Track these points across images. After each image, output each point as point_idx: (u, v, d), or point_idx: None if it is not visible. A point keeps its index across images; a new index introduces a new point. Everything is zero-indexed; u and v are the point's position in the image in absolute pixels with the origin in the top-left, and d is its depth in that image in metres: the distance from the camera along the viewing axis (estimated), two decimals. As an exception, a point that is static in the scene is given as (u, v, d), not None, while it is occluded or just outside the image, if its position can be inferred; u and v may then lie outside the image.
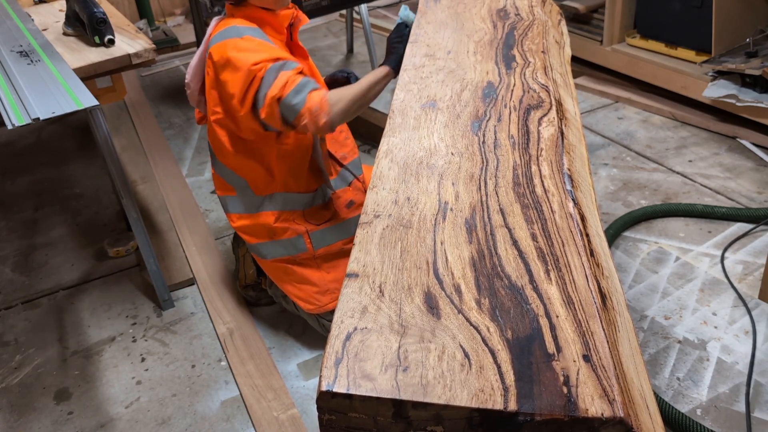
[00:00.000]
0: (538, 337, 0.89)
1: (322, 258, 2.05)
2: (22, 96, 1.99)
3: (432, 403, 0.81)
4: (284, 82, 1.72)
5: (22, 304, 2.50)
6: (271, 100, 1.73)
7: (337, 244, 2.06)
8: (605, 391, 0.81)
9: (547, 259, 1.02)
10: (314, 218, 2.06)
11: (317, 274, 2.04)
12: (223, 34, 1.84)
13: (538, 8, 2.00)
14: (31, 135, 3.73)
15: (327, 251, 2.05)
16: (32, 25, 2.62)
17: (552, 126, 1.36)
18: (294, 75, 1.74)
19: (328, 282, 2.04)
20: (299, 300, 2.06)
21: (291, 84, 1.72)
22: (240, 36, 1.80)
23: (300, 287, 2.05)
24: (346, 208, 2.10)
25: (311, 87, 1.74)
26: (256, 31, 1.83)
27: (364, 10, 3.87)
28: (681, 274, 2.31)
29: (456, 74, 1.62)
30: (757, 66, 2.89)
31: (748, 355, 1.96)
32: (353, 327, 0.93)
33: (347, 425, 0.86)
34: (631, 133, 3.19)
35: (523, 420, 0.79)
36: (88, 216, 2.98)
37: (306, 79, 1.75)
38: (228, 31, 1.83)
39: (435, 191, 1.20)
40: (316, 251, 2.03)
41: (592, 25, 3.65)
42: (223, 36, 1.83)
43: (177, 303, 2.42)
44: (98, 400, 2.06)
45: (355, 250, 1.08)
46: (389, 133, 1.40)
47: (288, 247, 2.03)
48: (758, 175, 2.78)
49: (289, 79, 1.73)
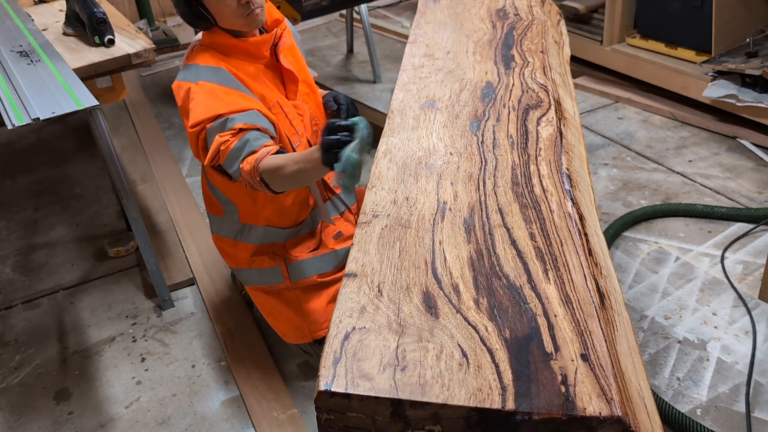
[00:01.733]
0: (536, 337, 0.89)
1: (300, 289, 1.95)
2: (22, 96, 2.00)
3: (430, 403, 0.81)
4: (217, 149, 1.62)
5: (22, 304, 2.50)
6: (210, 168, 1.70)
7: (313, 278, 1.94)
8: (603, 390, 0.81)
9: (546, 259, 1.02)
10: (297, 248, 1.97)
11: (295, 305, 1.95)
12: (183, 73, 1.75)
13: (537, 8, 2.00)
14: (31, 135, 3.73)
15: (305, 283, 1.94)
16: (32, 25, 2.62)
17: (551, 126, 1.36)
18: (230, 139, 1.61)
19: (307, 313, 1.94)
20: (278, 331, 2.00)
21: (224, 152, 1.62)
22: (195, 81, 1.70)
23: (278, 318, 1.99)
24: (333, 239, 1.99)
25: (247, 152, 1.60)
26: (215, 73, 1.71)
27: (364, 10, 3.87)
28: (681, 274, 2.31)
29: (455, 74, 1.62)
30: (757, 66, 2.89)
31: (748, 355, 1.96)
32: (352, 327, 0.93)
33: (345, 425, 0.86)
34: (631, 133, 3.18)
35: (521, 419, 0.79)
36: (88, 216, 2.99)
37: (240, 142, 1.60)
38: (187, 71, 1.74)
39: (434, 191, 1.20)
40: (293, 282, 1.94)
41: (592, 25, 3.65)
42: (183, 76, 1.75)
43: (177, 303, 2.42)
44: (98, 400, 2.06)
45: (353, 249, 1.08)
46: (388, 133, 1.40)
47: (266, 276, 1.96)
48: (758, 175, 2.78)
49: (222, 146, 1.61)
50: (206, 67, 1.73)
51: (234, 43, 1.75)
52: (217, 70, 1.72)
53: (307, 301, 1.94)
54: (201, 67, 1.73)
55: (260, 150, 1.60)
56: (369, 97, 3.75)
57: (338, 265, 1.97)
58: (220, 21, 1.72)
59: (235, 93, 1.70)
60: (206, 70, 1.72)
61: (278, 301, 1.98)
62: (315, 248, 1.98)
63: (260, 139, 1.63)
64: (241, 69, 1.76)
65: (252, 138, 1.62)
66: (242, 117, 1.64)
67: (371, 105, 3.62)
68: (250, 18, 1.69)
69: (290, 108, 1.84)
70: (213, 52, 1.76)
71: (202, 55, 1.76)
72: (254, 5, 1.68)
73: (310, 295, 1.94)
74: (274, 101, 1.79)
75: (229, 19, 1.70)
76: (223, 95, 1.68)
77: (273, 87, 1.82)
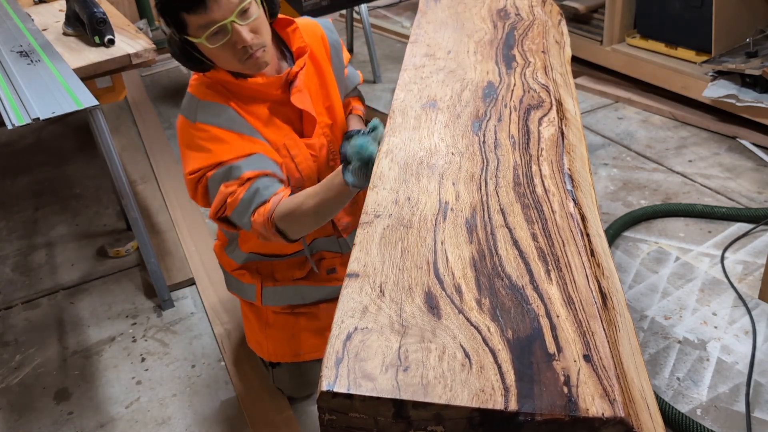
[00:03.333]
0: (538, 337, 0.88)
1: (271, 311, 1.88)
2: (22, 96, 1.99)
3: (432, 403, 0.81)
4: (223, 201, 1.51)
5: (22, 304, 2.50)
6: (216, 219, 1.56)
7: (285, 306, 1.86)
8: (606, 391, 0.81)
9: (548, 259, 1.02)
10: (281, 272, 1.85)
11: (263, 322, 1.91)
12: (184, 102, 1.60)
13: (538, 8, 2.00)
14: (31, 135, 3.73)
15: (275, 309, 1.88)
16: (32, 25, 2.62)
17: (552, 126, 1.36)
18: (237, 189, 1.49)
19: (270, 335, 1.89)
20: (245, 333, 1.99)
21: (232, 204, 1.50)
22: (193, 121, 1.54)
23: (247, 323, 1.99)
24: (326, 272, 1.86)
25: (257, 203, 1.48)
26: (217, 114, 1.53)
27: (364, 10, 3.87)
28: (681, 274, 2.31)
29: (456, 74, 1.62)
30: (757, 66, 2.89)
31: (748, 355, 1.96)
32: (354, 327, 0.92)
33: (347, 425, 0.86)
34: (631, 133, 3.19)
35: (524, 420, 0.79)
36: (88, 216, 2.98)
37: (248, 193, 1.48)
38: (187, 103, 1.58)
39: (435, 191, 1.20)
40: (263, 305, 1.87)
41: (592, 25, 3.65)
42: (183, 109, 1.59)
43: (177, 303, 2.42)
44: (98, 400, 2.06)
45: (355, 250, 1.08)
46: (389, 132, 1.39)
47: (242, 290, 1.90)
48: (758, 175, 2.78)
49: (230, 198, 1.50)
50: (206, 104, 1.55)
51: (236, 84, 1.56)
52: (220, 109, 1.55)
53: (273, 326, 1.88)
54: (201, 102, 1.56)
55: (272, 199, 1.48)
56: (369, 97, 3.76)
57: (318, 300, 1.87)
58: (219, 65, 1.53)
59: (238, 136, 1.53)
60: (206, 107, 1.55)
61: (250, 309, 1.95)
62: (303, 277, 1.86)
63: (270, 187, 1.50)
64: (247, 109, 1.58)
65: (262, 187, 1.49)
66: (248, 163, 1.50)
67: (372, 105, 3.62)
68: (250, 62, 1.48)
69: (300, 149, 1.65)
70: (209, 89, 1.58)
71: (203, 88, 1.58)
72: (253, 48, 1.46)
73: (277, 321, 1.88)
74: (281, 143, 1.62)
75: (228, 64, 1.51)
76: (226, 138, 1.52)
77: (284, 126, 1.64)
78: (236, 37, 1.43)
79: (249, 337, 2.00)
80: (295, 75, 1.60)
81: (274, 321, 1.89)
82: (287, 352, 1.90)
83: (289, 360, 1.90)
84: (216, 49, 1.45)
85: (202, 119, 1.53)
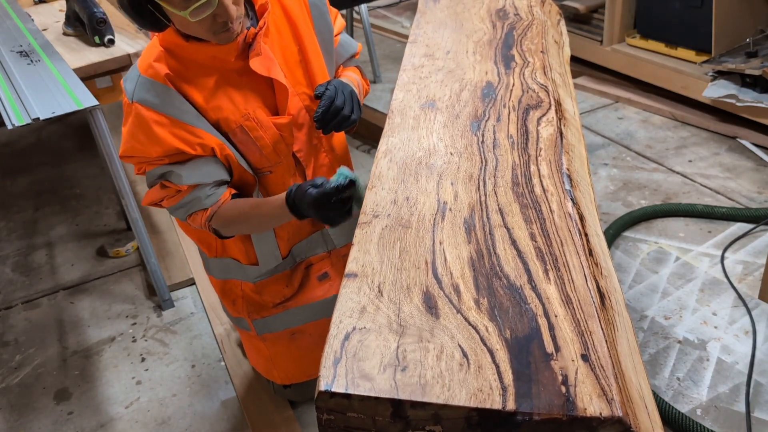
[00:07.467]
0: (536, 337, 0.89)
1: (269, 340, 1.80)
2: (22, 96, 2.00)
3: (430, 403, 0.81)
4: (161, 197, 1.47)
5: (22, 304, 2.50)
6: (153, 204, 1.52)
7: (285, 332, 1.76)
8: (603, 391, 0.81)
9: (546, 259, 1.02)
10: (268, 294, 1.70)
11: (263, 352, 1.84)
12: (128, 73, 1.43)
13: (537, 8, 2.00)
14: (31, 135, 3.73)
15: (273, 336, 1.77)
16: (32, 25, 2.62)
17: (551, 126, 1.36)
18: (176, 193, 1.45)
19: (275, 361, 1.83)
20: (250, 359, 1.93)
21: (170, 202, 1.47)
22: (130, 99, 1.38)
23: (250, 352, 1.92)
24: (317, 279, 1.72)
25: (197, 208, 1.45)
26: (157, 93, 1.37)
27: (364, 10, 3.87)
28: (681, 274, 2.31)
29: (455, 74, 1.62)
30: (757, 66, 2.89)
31: (748, 355, 1.96)
32: (352, 327, 0.93)
33: (346, 425, 0.86)
34: (631, 133, 3.18)
35: (522, 419, 0.79)
36: (88, 216, 2.99)
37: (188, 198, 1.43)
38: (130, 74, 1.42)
39: (434, 191, 1.20)
40: (260, 335, 1.78)
41: (592, 25, 3.65)
42: (126, 79, 1.42)
43: (177, 303, 2.42)
44: (98, 400, 2.06)
45: (354, 250, 1.08)
46: (388, 133, 1.40)
47: (234, 320, 1.83)
48: (758, 175, 2.78)
49: (166, 200, 1.47)
50: (146, 81, 1.37)
51: (188, 48, 1.37)
52: (161, 90, 1.37)
53: (276, 353, 1.81)
54: (141, 77, 1.38)
55: (211, 207, 1.45)
56: (369, 97, 3.75)
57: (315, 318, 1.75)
58: (181, 29, 1.34)
59: (178, 126, 1.37)
60: (145, 84, 1.37)
61: (248, 338, 1.85)
62: (293, 294, 1.72)
63: (211, 197, 1.44)
64: (197, 81, 1.40)
65: (203, 196, 1.43)
66: (190, 173, 1.40)
67: (371, 105, 3.62)
68: (224, 35, 1.32)
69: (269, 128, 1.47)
70: (164, 52, 1.40)
71: (150, 53, 1.40)
72: (232, 20, 1.30)
73: (278, 348, 1.80)
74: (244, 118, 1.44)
75: (194, 31, 1.32)
76: (164, 129, 1.37)
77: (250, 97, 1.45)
78: (220, 10, 1.27)
79: (254, 362, 1.92)
80: (253, 37, 1.40)
81: (275, 347, 1.80)
82: (296, 374, 1.85)
83: (301, 380, 1.86)
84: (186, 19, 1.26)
85: (140, 98, 1.37)
